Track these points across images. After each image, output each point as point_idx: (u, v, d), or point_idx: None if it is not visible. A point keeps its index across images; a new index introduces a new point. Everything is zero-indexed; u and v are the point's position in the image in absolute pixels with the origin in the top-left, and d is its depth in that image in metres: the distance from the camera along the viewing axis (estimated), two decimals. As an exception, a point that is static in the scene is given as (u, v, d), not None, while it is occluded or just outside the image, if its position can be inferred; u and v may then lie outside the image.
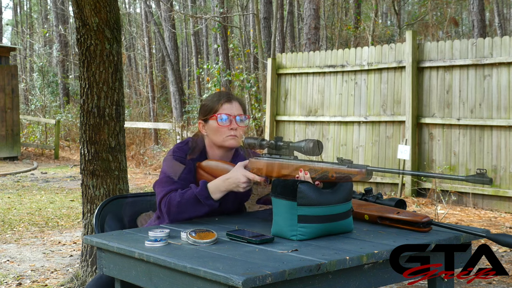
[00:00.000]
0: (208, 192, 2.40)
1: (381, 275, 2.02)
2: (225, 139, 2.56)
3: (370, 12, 22.40)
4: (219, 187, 2.41)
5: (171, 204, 2.40)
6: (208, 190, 2.41)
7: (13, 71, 15.10)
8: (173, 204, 2.40)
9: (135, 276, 2.07)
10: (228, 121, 2.55)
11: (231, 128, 2.55)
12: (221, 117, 2.54)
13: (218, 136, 2.56)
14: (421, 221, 2.23)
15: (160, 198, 2.44)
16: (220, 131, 2.55)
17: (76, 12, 4.12)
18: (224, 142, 2.56)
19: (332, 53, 9.40)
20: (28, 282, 4.64)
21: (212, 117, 2.56)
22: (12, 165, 14.02)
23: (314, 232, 2.13)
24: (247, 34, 19.50)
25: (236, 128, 2.56)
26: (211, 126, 2.57)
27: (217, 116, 2.55)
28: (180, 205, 2.40)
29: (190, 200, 2.40)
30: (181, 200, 2.40)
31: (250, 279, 1.68)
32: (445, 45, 8.16)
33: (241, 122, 2.59)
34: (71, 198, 8.97)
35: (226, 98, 2.59)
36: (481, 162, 7.76)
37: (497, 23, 22.83)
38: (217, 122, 2.55)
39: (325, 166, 2.19)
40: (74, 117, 19.97)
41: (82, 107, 4.20)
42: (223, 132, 2.55)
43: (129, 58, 28.66)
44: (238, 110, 2.59)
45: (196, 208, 2.40)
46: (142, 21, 24.20)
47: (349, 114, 9.10)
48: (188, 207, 2.40)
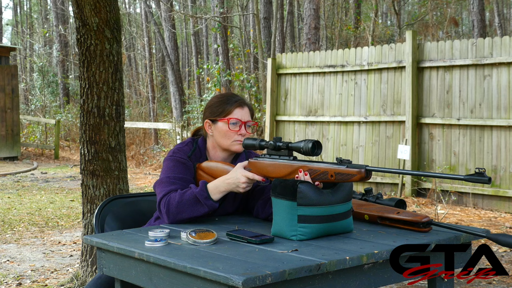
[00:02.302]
0: (208, 193, 2.40)
1: (381, 275, 2.02)
2: (233, 143, 2.56)
3: (370, 12, 22.40)
4: (219, 188, 2.41)
5: (170, 204, 2.40)
6: (208, 190, 2.40)
7: (13, 71, 15.10)
8: (173, 204, 2.39)
9: (135, 276, 2.07)
10: (238, 126, 2.55)
11: (240, 133, 2.56)
12: (232, 121, 2.54)
13: (226, 139, 2.56)
14: (421, 221, 2.23)
15: (160, 198, 2.44)
16: (228, 135, 2.55)
17: (76, 12, 4.12)
18: (230, 146, 2.57)
19: (332, 53, 9.40)
20: (28, 282, 4.64)
21: (223, 119, 2.56)
22: (12, 165, 14.02)
23: (314, 232, 2.13)
24: (247, 34, 19.50)
25: (245, 134, 2.57)
26: (220, 128, 2.57)
27: (229, 120, 2.54)
28: (179, 205, 2.39)
29: (190, 200, 2.39)
30: (181, 200, 2.39)
31: (250, 279, 1.68)
32: (445, 45, 8.16)
33: (249, 128, 2.60)
34: (71, 198, 8.97)
35: (239, 102, 2.58)
36: (481, 162, 7.76)
37: (497, 23, 22.82)
38: (228, 126, 2.55)
39: (324, 166, 2.19)
40: (74, 117, 19.97)
41: (82, 107, 4.20)
42: (231, 136, 2.55)
43: (129, 58, 28.66)
44: (248, 116, 2.60)
45: (195, 208, 2.39)
46: (142, 21, 24.20)
47: (349, 114, 9.10)
48: (188, 207, 2.39)
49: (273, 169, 2.35)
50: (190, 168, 2.54)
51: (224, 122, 2.55)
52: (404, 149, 8.14)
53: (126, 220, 2.75)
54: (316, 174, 2.19)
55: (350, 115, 9.08)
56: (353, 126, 9.06)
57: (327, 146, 9.31)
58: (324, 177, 2.18)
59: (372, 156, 8.81)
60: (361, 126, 8.96)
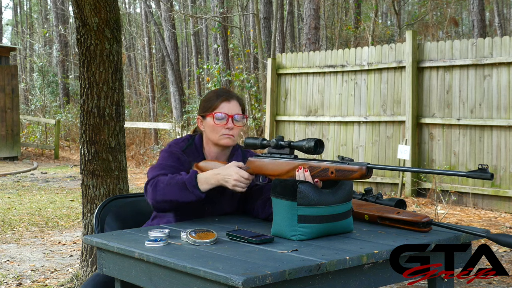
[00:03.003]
0: (196, 181, 2.41)
1: (381, 275, 2.02)
2: (220, 137, 2.57)
3: (370, 12, 22.40)
4: (208, 179, 2.41)
5: (158, 185, 2.42)
6: (197, 179, 2.41)
7: (13, 71, 15.10)
8: (160, 186, 2.41)
9: (135, 276, 2.07)
10: (225, 120, 2.56)
11: (227, 127, 2.56)
12: (218, 115, 2.56)
13: (214, 133, 2.58)
14: (421, 221, 2.23)
15: (149, 180, 2.47)
16: (215, 129, 2.57)
17: (76, 12, 4.12)
18: (219, 140, 2.58)
19: (332, 53, 9.40)
20: (28, 282, 4.64)
21: (210, 114, 2.58)
22: (12, 165, 14.02)
23: (314, 232, 2.12)
24: (247, 34, 19.50)
25: (232, 128, 2.57)
26: (208, 123, 2.59)
27: (214, 114, 2.56)
28: (166, 187, 2.40)
29: (178, 185, 2.40)
30: (169, 183, 2.41)
31: (250, 279, 1.68)
32: (445, 45, 8.16)
33: (238, 121, 2.59)
34: (71, 198, 8.97)
35: (225, 96, 2.60)
36: (481, 162, 7.76)
37: (497, 23, 22.82)
38: (214, 120, 2.56)
39: (324, 164, 2.19)
40: (74, 117, 19.97)
41: (82, 107, 4.20)
42: (218, 130, 2.57)
43: (129, 58, 28.66)
44: (236, 110, 2.60)
45: (182, 193, 2.40)
46: (142, 21, 24.20)
47: (349, 114, 9.10)
48: (175, 191, 2.40)
49: (272, 167, 2.35)
50: (184, 161, 2.56)
51: (211, 117, 2.57)
52: (404, 149, 8.14)
53: (126, 220, 2.75)
54: (316, 171, 2.19)
55: (350, 115, 9.08)
56: (353, 126, 9.06)
57: (327, 146, 9.31)
58: (324, 174, 2.17)
59: (372, 156, 8.81)
60: (361, 126, 8.96)
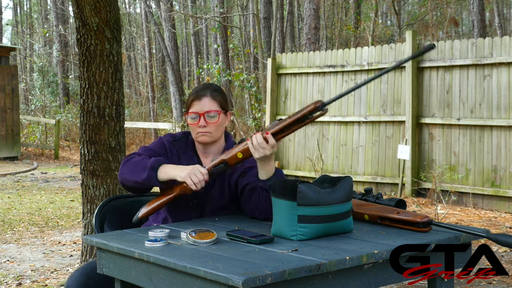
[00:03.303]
0: (158, 167, 2.48)
1: (381, 275, 2.02)
2: (197, 135, 2.62)
3: (370, 12, 22.40)
4: (168, 172, 2.47)
5: (129, 161, 2.55)
6: (159, 166, 2.48)
7: (13, 71, 15.10)
8: (131, 162, 2.54)
9: (135, 276, 2.07)
10: (196, 119, 2.59)
11: (199, 126, 2.59)
12: (190, 115, 2.61)
13: (192, 132, 2.64)
14: (421, 221, 2.23)
15: (126, 156, 2.61)
16: (191, 128, 2.63)
17: (76, 12, 4.13)
18: (196, 138, 2.63)
19: (332, 53, 9.40)
20: (28, 282, 4.64)
21: (185, 114, 2.65)
22: (12, 165, 14.02)
23: (314, 232, 2.13)
24: (247, 34, 19.50)
25: (204, 125, 2.59)
26: (188, 122, 2.66)
27: (188, 115, 2.62)
28: (132, 165, 2.52)
29: (142, 165, 2.50)
30: (139, 161, 2.52)
31: (250, 279, 1.68)
32: (445, 45, 8.16)
33: (212, 118, 2.60)
34: (71, 198, 8.97)
35: (196, 95, 2.63)
36: (481, 162, 7.76)
37: (497, 23, 22.82)
38: (188, 120, 2.63)
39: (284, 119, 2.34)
40: (74, 117, 19.97)
41: (82, 107, 4.20)
42: (194, 129, 2.61)
43: (129, 58, 28.66)
44: (208, 106, 2.60)
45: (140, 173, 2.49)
46: (142, 21, 24.20)
47: (349, 114, 9.10)
48: (138, 169, 2.49)
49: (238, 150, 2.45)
50: (168, 149, 2.65)
51: (187, 116, 2.63)
52: (404, 149, 8.15)
53: (126, 220, 2.74)
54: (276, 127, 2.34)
55: (350, 115, 9.08)
56: (353, 126, 9.06)
57: (327, 146, 9.31)
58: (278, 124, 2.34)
59: (372, 156, 8.81)
60: (361, 126, 8.96)
